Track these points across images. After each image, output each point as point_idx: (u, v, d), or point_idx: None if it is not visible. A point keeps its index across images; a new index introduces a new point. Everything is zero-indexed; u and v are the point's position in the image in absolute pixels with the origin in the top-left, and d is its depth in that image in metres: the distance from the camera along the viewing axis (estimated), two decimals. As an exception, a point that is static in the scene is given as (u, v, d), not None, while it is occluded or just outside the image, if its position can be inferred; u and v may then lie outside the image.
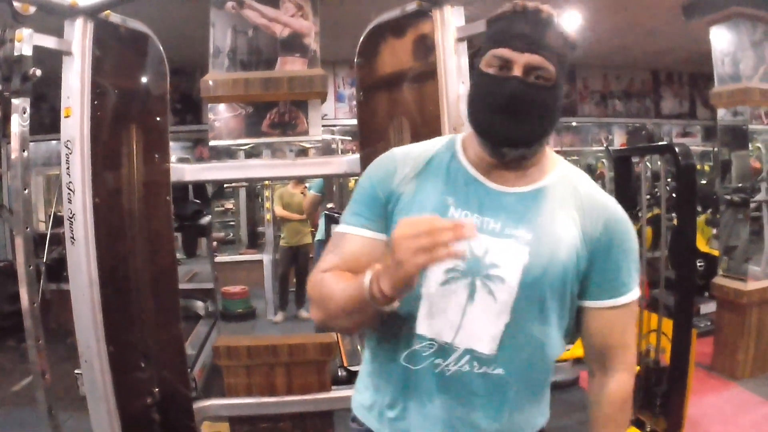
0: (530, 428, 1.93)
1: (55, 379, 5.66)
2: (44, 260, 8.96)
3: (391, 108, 3.87)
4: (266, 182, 9.11)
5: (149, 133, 3.81)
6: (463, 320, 1.77)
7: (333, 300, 1.78)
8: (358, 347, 6.26)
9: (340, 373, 5.39)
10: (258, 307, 9.37)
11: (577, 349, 7.03)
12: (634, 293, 1.89)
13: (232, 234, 13.20)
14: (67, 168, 3.37)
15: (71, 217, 3.39)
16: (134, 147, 3.74)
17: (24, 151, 3.17)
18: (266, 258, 9.15)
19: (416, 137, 3.65)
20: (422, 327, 1.81)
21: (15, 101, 3.11)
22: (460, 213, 1.80)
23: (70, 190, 3.37)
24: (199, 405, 4.21)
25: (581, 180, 1.93)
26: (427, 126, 3.64)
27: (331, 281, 1.82)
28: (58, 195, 9.97)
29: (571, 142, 11.70)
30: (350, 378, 5.48)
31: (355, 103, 10.45)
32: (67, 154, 3.37)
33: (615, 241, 1.84)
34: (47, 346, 3.28)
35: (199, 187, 7.06)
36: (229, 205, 13.58)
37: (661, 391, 4.91)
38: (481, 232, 1.76)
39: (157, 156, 3.83)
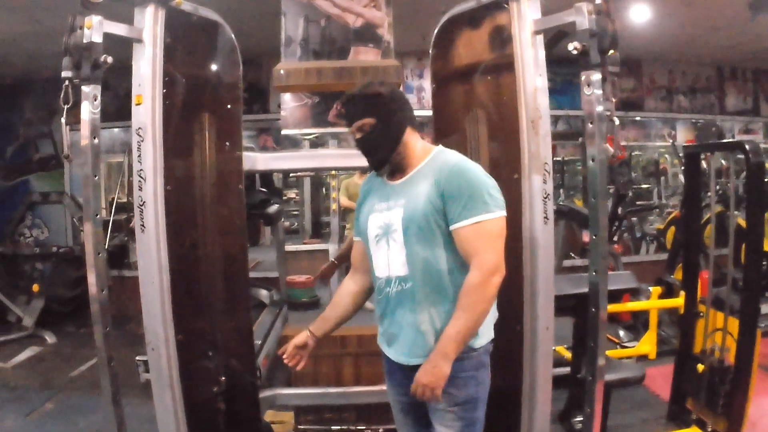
0: (439, 321, 2.80)
1: (117, 365, 5.68)
2: (105, 247, 8.92)
3: (467, 99, 3.69)
4: (332, 172, 8.98)
5: (221, 121, 3.67)
6: (389, 260, 2.88)
7: None
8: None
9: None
10: (322, 297, 9.19)
11: (642, 346, 6.83)
12: (477, 217, 2.71)
13: (296, 224, 13.07)
14: (139, 156, 3.25)
15: (142, 205, 3.26)
16: (206, 135, 3.60)
17: (95, 138, 3.04)
18: (331, 247, 8.91)
19: (492, 129, 3.56)
20: (376, 271, 2.96)
21: (85, 88, 2.98)
22: (380, 204, 2.95)
23: (141, 177, 3.24)
24: (265, 394, 4.08)
25: (441, 155, 2.92)
26: (503, 118, 3.48)
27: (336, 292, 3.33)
28: (120, 182, 9.96)
29: (635, 137, 11.37)
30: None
31: (422, 94, 10.39)
32: (138, 142, 3.25)
33: (452, 184, 2.75)
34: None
35: (266, 176, 6.92)
36: (293, 194, 13.46)
37: (724, 391, 4.67)
38: (388, 210, 2.89)
39: (229, 144, 3.69)
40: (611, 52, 3.00)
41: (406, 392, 2.85)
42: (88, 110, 2.99)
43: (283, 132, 4.46)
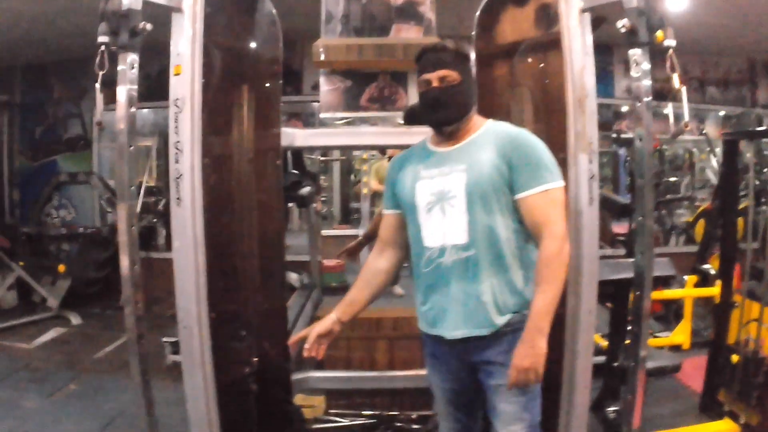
0: (499, 292, 2.69)
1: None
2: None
3: (511, 78, 3.58)
4: (363, 156, 8.84)
5: (260, 95, 3.55)
6: (444, 228, 2.72)
7: None
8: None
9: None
10: (352, 282, 9.02)
11: (676, 336, 6.66)
12: (546, 185, 2.65)
13: (325, 209, 12.94)
14: (176, 127, 3.11)
15: (178, 178, 3.12)
16: (244, 109, 3.48)
17: (131, 107, 2.92)
18: (362, 232, 8.81)
19: (537, 108, 3.47)
20: (426, 241, 2.77)
21: (123, 56, 2.88)
22: (428, 170, 2.80)
23: (178, 149, 3.11)
24: (297, 377, 3.97)
25: (498, 126, 2.84)
26: (548, 96, 3.37)
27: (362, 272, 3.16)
28: (148, 166, 9.84)
29: (663, 129, 11.12)
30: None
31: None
32: (176, 113, 3.11)
33: (518, 153, 2.68)
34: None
35: (298, 158, 6.78)
36: (322, 180, 13.31)
37: (758, 383, 4.53)
38: (443, 176, 2.75)
39: (267, 120, 3.57)
40: (659, 31, 2.90)
41: (453, 377, 2.84)
42: (126, 78, 2.89)
43: (322, 115, 4.37)
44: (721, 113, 11.44)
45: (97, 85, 2.85)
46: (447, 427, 3.00)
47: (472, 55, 3.30)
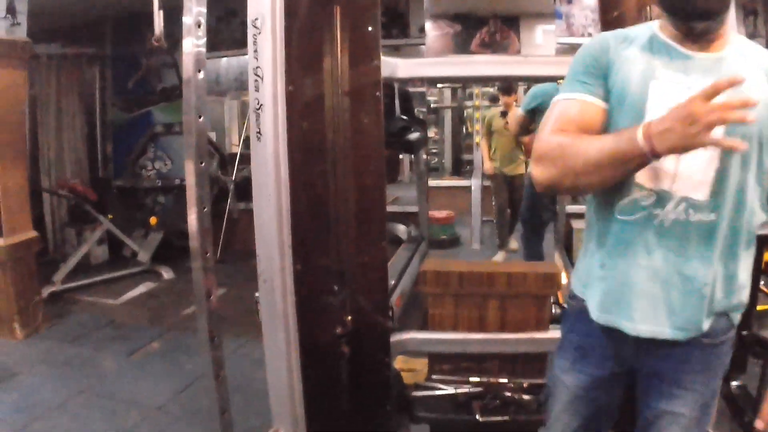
0: (721, 286, 1.90)
1: (235, 302, 5.15)
2: (233, 179, 8.54)
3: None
4: (476, 103, 8.32)
5: (356, 17, 3.01)
6: (678, 168, 1.81)
7: (582, 155, 1.79)
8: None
9: (554, 310, 4.48)
10: (462, 235, 8.57)
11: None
12: None
13: (435, 160, 12.46)
14: (255, 51, 2.66)
15: (258, 108, 2.68)
16: (337, 32, 2.96)
17: (199, 71, 2.49)
18: (474, 183, 8.29)
19: None
20: (641, 176, 1.84)
21: (187, 19, 2.47)
22: (668, 74, 1.86)
23: (258, 76, 2.66)
24: (397, 338, 3.50)
25: (759, 47, 1.97)
26: None
27: (574, 137, 1.86)
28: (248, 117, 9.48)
29: None
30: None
31: (571, 21, 9.49)
32: (254, 35, 2.66)
33: None
34: (232, 267, 2.61)
35: (406, 102, 6.27)
36: (432, 133, 12.85)
37: None
38: (688, 90, 1.69)
39: (364, 46, 3.03)
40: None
41: (600, 384, 2.09)
42: (192, 39, 2.47)
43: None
44: None
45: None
46: None
47: (576, 3, 2.71)
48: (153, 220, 7.89)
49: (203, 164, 2.53)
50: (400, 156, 11.57)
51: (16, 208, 5.17)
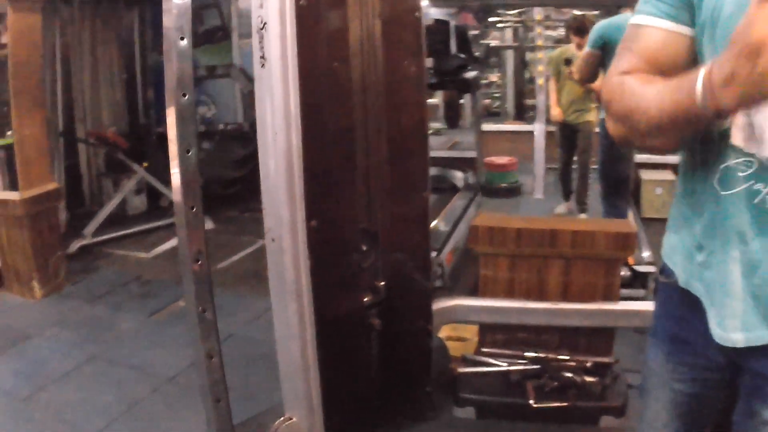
0: None
1: None
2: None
3: None
4: (538, 43, 7.61)
5: None
6: None
7: (641, 111, 1.25)
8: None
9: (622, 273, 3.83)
10: (525, 184, 7.90)
11: None
12: None
13: (497, 103, 11.77)
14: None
15: (261, 28, 2.10)
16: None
17: None
18: (537, 128, 7.56)
19: None
20: (737, 137, 1.23)
21: None
22: None
23: (260, -16, 2.08)
24: (441, 305, 2.95)
25: None
26: None
27: (638, 86, 1.29)
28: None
29: None
30: (638, 283, 3.94)
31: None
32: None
33: None
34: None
35: (463, 40, 5.64)
36: (494, 77, 12.17)
37: None
38: None
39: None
40: None
41: (703, 382, 1.55)
42: None
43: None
44: None
45: None
46: None
47: None
48: (191, 167, 7.38)
49: (186, 96, 1.96)
50: (461, 100, 10.93)
51: (34, 158, 4.73)
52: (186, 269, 2.04)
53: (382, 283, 2.64)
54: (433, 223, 4.59)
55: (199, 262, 2.02)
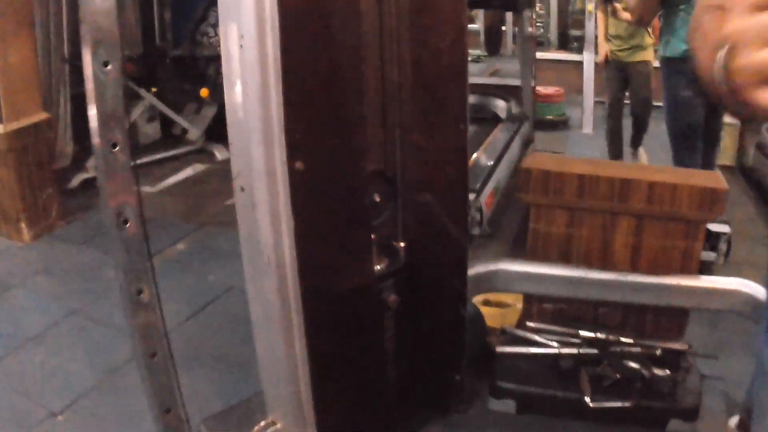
0: None
1: None
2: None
3: None
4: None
5: None
6: None
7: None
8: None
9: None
10: (571, 117, 7.13)
11: None
12: None
13: (541, 32, 10.95)
14: None
15: None
16: None
17: None
18: (587, 57, 6.76)
19: None
20: None
21: None
22: None
23: None
24: (479, 270, 2.30)
25: None
26: None
27: None
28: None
29: None
30: (708, 244, 3.23)
31: None
32: None
33: None
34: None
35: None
36: (537, 8, 11.39)
37: None
38: None
39: None
40: None
41: None
42: None
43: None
44: None
45: None
46: None
47: None
48: (204, 91, 6.56)
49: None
50: (503, 26, 10.36)
51: (20, 86, 4.10)
52: (113, 230, 1.39)
53: (402, 245, 1.97)
54: (470, 159, 3.90)
55: (128, 224, 1.36)
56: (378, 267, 1.88)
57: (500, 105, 5.44)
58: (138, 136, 6.30)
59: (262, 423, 1.78)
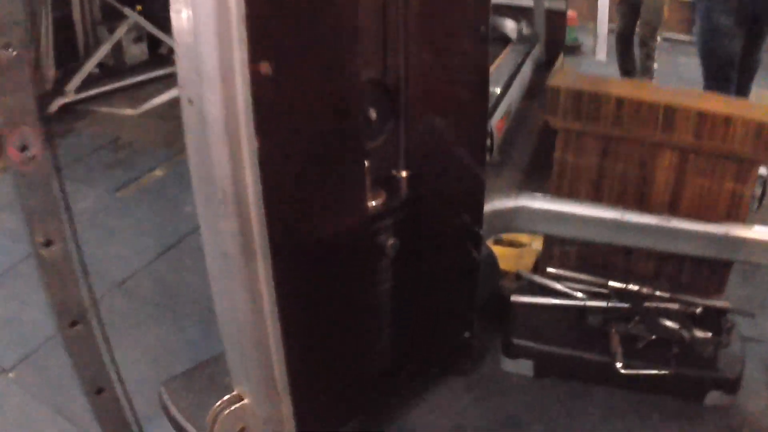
0: None
1: None
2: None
3: None
4: None
5: None
6: None
7: None
8: None
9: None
10: (584, 42, 6.74)
11: None
12: None
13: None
14: None
15: None
16: None
17: None
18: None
19: None
20: None
21: None
22: None
23: None
24: (495, 207, 1.93)
25: None
26: None
27: None
28: None
29: None
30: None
31: None
32: None
33: None
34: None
35: None
36: None
37: None
38: None
39: None
40: None
41: None
42: None
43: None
44: None
45: None
46: None
47: None
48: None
49: None
50: None
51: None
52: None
53: (404, 175, 1.58)
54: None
55: (27, 152, 0.98)
56: (372, 203, 1.49)
57: (510, 25, 5.09)
58: (124, 57, 5.92)
59: (226, 397, 1.42)
